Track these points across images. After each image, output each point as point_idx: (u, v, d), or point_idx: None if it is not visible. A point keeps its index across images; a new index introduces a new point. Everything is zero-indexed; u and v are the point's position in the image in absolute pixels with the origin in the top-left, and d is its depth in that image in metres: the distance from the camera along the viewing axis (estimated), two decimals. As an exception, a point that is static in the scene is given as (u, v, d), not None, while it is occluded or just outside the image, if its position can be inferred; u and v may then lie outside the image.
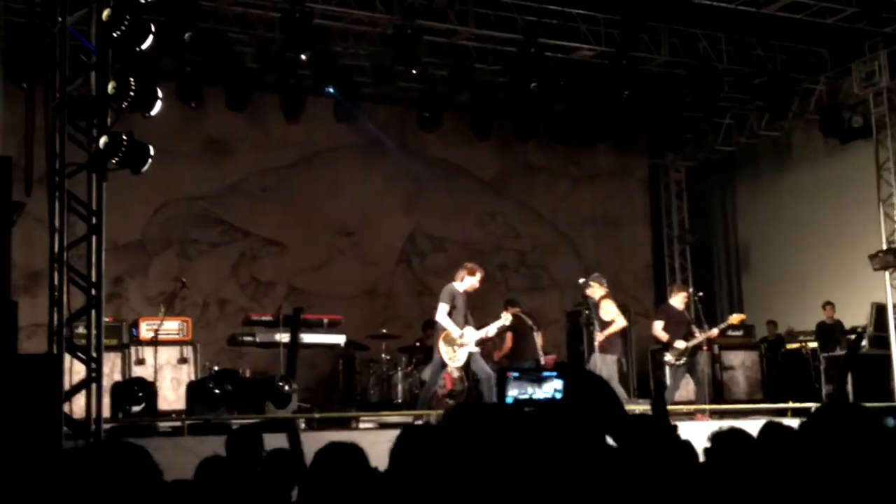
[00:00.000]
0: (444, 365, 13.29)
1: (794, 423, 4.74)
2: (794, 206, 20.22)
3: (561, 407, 3.84)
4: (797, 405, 14.73)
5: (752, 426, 4.97)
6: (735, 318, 15.64)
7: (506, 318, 13.53)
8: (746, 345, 17.80)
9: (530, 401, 4.55)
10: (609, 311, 14.48)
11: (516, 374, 4.64)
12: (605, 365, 13.82)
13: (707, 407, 14.67)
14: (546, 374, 4.63)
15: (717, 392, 16.87)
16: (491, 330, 13.56)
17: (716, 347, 16.78)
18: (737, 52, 17.91)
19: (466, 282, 13.31)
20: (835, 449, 3.77)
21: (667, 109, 19.68)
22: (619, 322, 14.41)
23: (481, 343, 13.53)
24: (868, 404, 4.36)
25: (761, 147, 21.17)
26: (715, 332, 14.99)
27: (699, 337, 14.67)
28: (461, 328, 13.10)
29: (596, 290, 14.67)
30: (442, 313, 13.09)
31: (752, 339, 18.09)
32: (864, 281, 17.17)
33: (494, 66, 17.71)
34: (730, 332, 16.31)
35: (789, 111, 18.81)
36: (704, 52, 17.61)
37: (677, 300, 15.16)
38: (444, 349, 13.08)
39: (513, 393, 4.57)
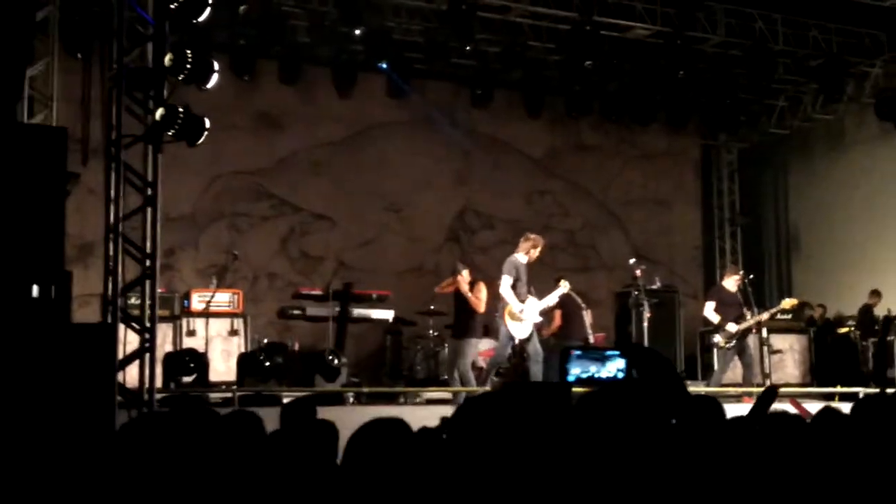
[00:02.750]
0: (511, 338, 13.20)
1: (844, 407, 4.72)
2: (847, 191, 20.02)
3: (625, 386, 3.83)
4: (845, 390, 14.63)
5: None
6: (787, 303, 15.52)
7: (565, 286, 13.52)
8: (795, 328, 17.60)
9: (592, 379, 4.53)
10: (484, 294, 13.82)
11: (578, 353, 4.62)
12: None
13: (755, 390, 14.57)
14: (609, 353, 4.61)
15: (765, 375, 16.77)
16: (552, 299, 13.53)
17: (764, 330, 16.64)
18: (793, 34, 17.75)
19: (530, 253, 13.25)
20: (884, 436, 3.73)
21: (721, 90, 19.56)
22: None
23: (544, 314, 13.50)
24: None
25: (815, 130, 20.96)
26: (766, 315, 14.94)
27: (750, 320, 14.60)
28: (523, 300, 13.05)
29: (466, 276, 13.82)
30: (505, 286, 13.00)
31: (801, 323, 17.89)
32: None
33: (548, 43, 17.63)
34: (779, 316, 16.17)
35: (844, 94, 18.60)
36: (760, 33, 17.46)
37: (730, 282, 15.08)
38: (510, 322, 13.04)
39: (575, 371, 4.55)
